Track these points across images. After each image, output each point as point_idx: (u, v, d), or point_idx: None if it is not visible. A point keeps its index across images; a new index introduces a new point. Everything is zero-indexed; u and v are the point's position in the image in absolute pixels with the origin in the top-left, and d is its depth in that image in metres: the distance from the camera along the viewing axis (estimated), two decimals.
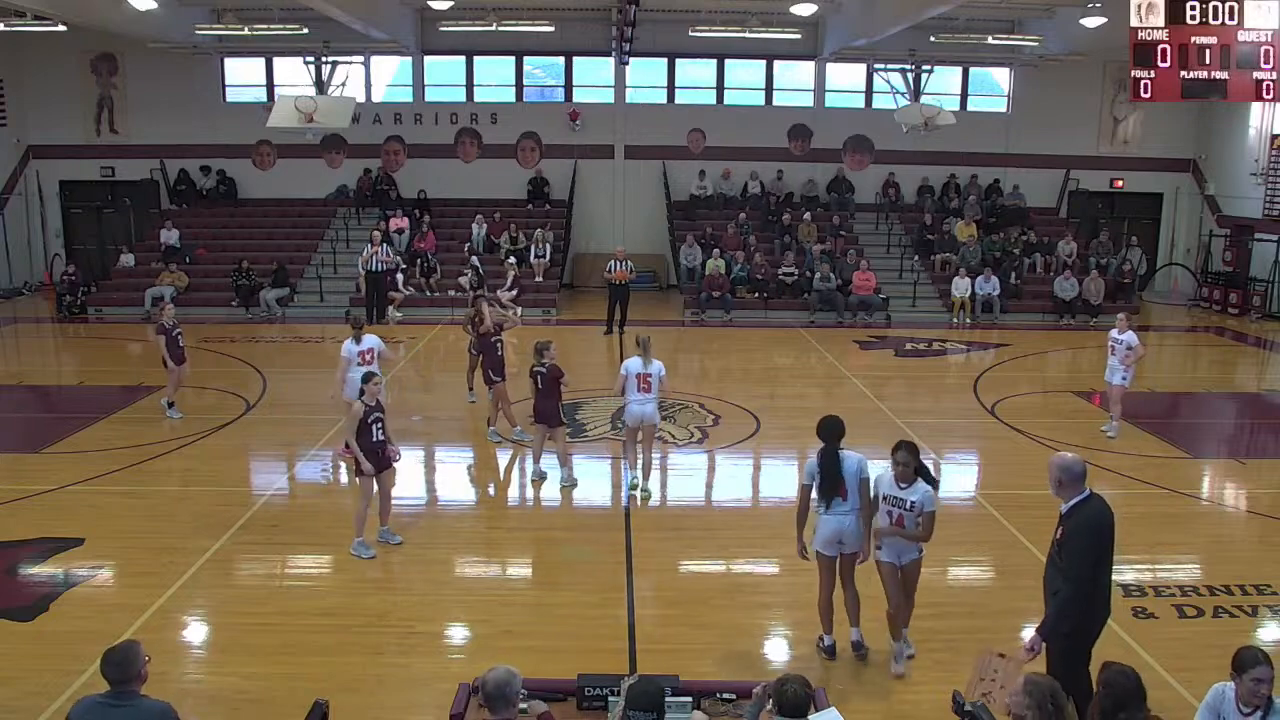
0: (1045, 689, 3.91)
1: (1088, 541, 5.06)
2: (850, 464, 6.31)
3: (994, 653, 4.81)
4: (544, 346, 9.74)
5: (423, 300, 20.20)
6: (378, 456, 8.02)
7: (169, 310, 12.30)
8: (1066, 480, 5.20)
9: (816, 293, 20.14)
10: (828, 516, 6.31)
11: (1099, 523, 5.11)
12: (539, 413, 9.80)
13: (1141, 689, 3.97)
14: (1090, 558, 5.07)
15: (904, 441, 6.35)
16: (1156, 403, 13.85)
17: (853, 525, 6.31)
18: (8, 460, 10.78)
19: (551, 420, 9.75)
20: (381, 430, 8.04)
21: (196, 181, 23.66)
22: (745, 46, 21.89)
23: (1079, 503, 5.20)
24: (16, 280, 22.94)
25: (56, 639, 6.61)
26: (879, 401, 13.54)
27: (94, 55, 22.78)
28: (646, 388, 9.28)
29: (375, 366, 9.94)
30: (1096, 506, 5.18)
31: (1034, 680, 3.98)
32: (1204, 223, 23.74)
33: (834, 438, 6.41)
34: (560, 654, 6.46)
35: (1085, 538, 5.07)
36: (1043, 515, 9.17)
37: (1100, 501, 5.22)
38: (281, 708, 5.75)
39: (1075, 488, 5.21)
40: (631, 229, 23.62)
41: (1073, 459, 5.25)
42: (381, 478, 8.13)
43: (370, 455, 7.93)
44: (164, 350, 11.92)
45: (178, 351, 12.03)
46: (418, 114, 23.77)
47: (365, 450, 7.92)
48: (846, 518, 6.30)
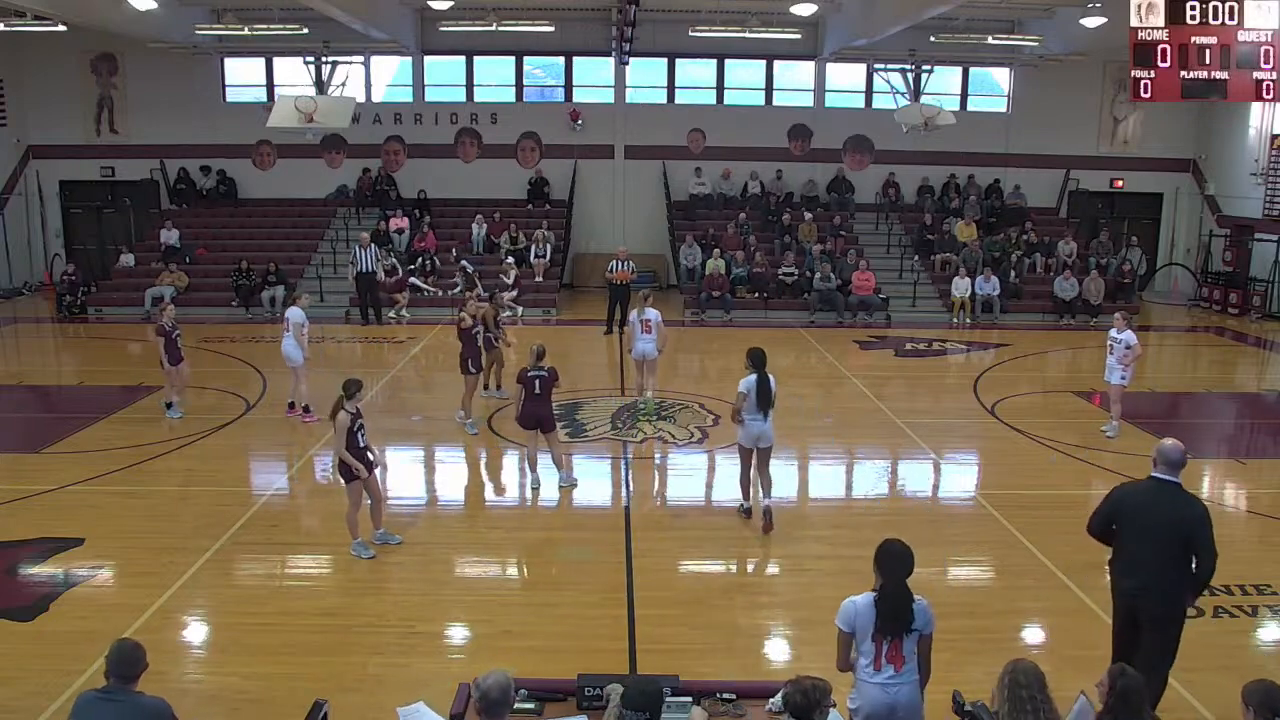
0: (1025, 674, 3.96)
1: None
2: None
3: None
4: (541, 350, 9.75)
5: (423, 300, 20.20)
6: (366, 462, 8.05)
7: (169, 311, 12.34)
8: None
9: (816, 293, 20.14)
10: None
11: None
12: (532, 418, 9.64)
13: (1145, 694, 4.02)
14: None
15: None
16: (1156, 403, 13.86)
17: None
18: (8, 460, 10.78)
19: (546, 425, 9.73)
20: (364, 436, 8.07)
21: (196, 181, 23.66)
22: (745, 46, 21.88)
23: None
24: (16, 280, 22.94)
25: (56, 639, 6.61)
26: (879, 401, 13.55)
27: (94, 55, 22.78)
28: (647, 330, 12.17)
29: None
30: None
31: (1017, 665, 4.02)
32: (1204, 223, 23.74)
33: (760, 365, 8.48)
34: (560, 654, 6.46)
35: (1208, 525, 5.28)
36: (1043, 515, 9.25)
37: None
38: (281, 708, 5.75)
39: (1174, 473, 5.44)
40: (631, 229, 23.62)
41: (1171, 445, 5.50)
42: (369, 482, 8.14)
43: (360, 459, 7.96)
44: (161, 351, 11.95)
45: (175, 352, 12.04)
46: (418, 114, 23.78)
47: (354, 456, 7.94)
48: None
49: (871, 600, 4.48)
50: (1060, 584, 7.71)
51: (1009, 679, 3.99)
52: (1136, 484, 5.71)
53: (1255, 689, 3.96)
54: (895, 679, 4.43)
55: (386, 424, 12.33)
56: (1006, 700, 3.96)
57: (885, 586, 4.50)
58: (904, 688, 4.44)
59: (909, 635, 4.44)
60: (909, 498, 10.40)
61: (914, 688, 4.48)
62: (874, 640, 4.44)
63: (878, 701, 4.44)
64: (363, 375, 9.56)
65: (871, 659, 4.45)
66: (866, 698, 4.48)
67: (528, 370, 9.62)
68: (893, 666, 4.43)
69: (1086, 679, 6.03)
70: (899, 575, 4.51)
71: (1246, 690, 3.99)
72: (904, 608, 4.43)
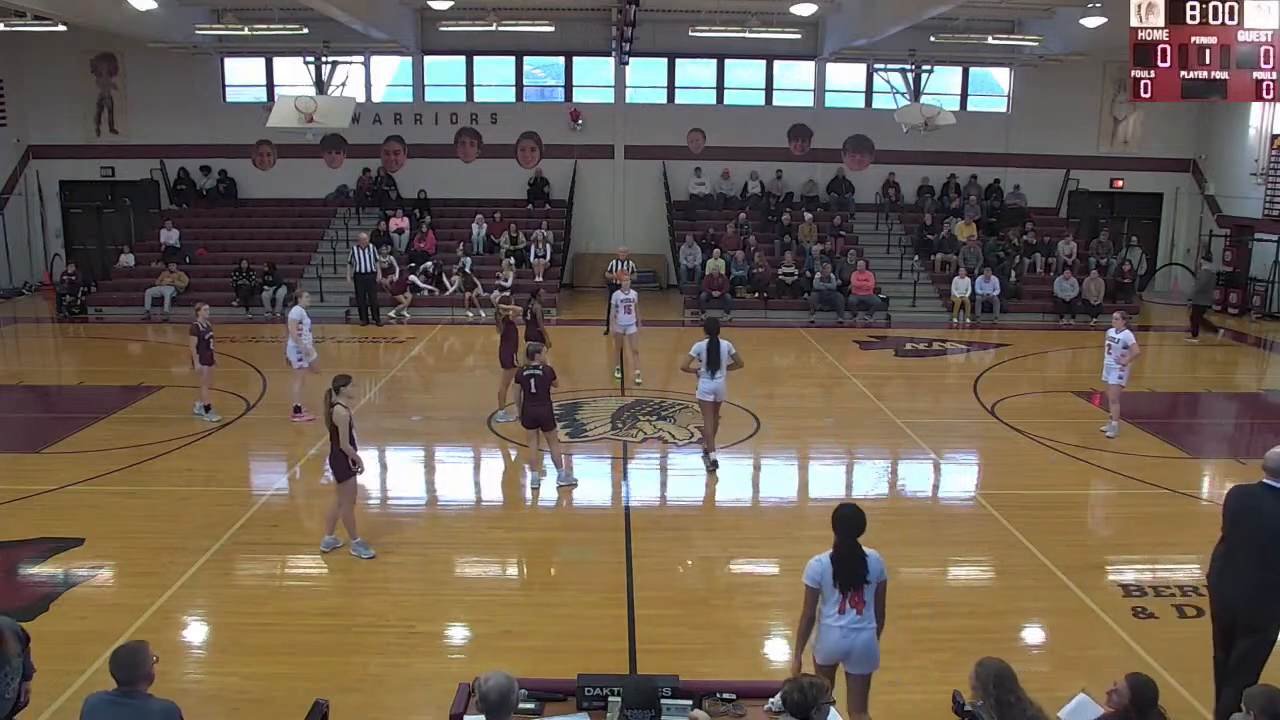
0: (989, 672, 4.00)
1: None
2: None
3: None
4: (535, 349, 9.75)
5: (423, 300, 20.21)
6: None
7: (204, 311, 12.16)
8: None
9: (816, 293, 20.13)
10: None
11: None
12: (534, 417, 9.65)
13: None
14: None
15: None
16: (1156, 403, 13.86)
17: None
18: (8, 460, 10.78)
19: (546, 424, 9.73)
20: (355, 433, 8.10)
21: (196, 181, 23.66)
22: (745, 46, 21.88)
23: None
24: (16, 280, 22.94)
25: (56, 639, 6.59)
26: (879, 401, 13.55)
27: (94, 55, 22.78)
28: (628, 310, 13.81)
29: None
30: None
31: (982, 662, 4.07)
32: (1204, 223, 23.75)
33: (713, 331, 10.00)
34: (560, 654, 6.47)
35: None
36: (1043, 515, 9.24)
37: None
38: (281, 708, 5.76)
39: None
40: (631, 229, 23.62)
41: (1274, 452, 5.37)
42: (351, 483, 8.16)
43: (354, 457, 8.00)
44: (194, 351, 11.88)
45: (208, 353, 11.98)
46: (418, 114, 23.77)
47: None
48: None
49: (829, 558, 5.07)
50: (1060, 584, 7.71)
51: (994, 688, 4.07)
52: (1249, 486, 5.56)
53: (1258, 693, 3.96)
54: (856, 623, 5.02)
55: (387, 424, 12.34)
56: (995, 706, 4.00)
57: (840, 546, 5.07)
58: (862, 633, 5.03)
59: (866, 585, 5.03)
60: (909, 498, 10.40)
61: (871, 634, 5.06)
62: (837, 590, 5.02)
63: (837, 644, 5.05)
64: (363, 376, 9.57)
65: (836, 606, 5.03)
66: (827, 641, 5.08)
67: (523, 370, 9.64)
68: (855, 610, 5.02)
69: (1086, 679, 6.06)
70: (851, 535, 5.08)
71: (1249, 694, 4.00)
72: (858, 563, 5.04)
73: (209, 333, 12.07)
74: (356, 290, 19.30)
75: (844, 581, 5.00)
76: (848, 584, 5.00)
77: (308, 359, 12.17)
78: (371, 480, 10.45)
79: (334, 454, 7.99)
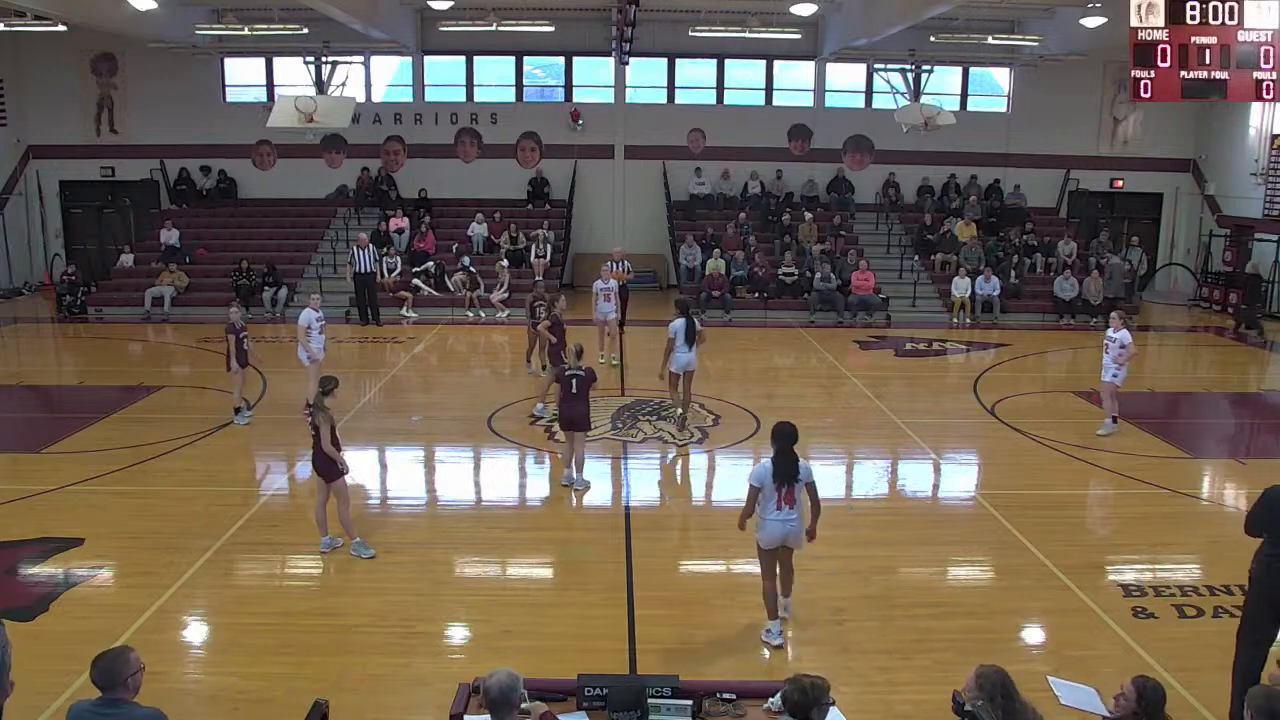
0: (995, 681, 3.98)
1: None
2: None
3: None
4: (581, 350, 9.91)
5: (423, 300, 20.21)
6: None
7: (237, 311, 12.07)
8: None
9: (816, 293, 20.14)
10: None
11: None
12: (570, 418, 9.66)
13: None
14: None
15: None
16: (1156, 403, 13.86)
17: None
18: (8, 460, 10.78)
19: (580, 424, 9.75)
20: (337, 436, 8.13)
21: (196, 181, 23.66)
22: (745, 46, 21.90)
23: None
24: (16, 280, 22.95)
25: (56, 639, 6.60)
26: (879, 401, 13.54)
27: (94, 55, 22.79)
28: (607, 297, 15.27)
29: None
30: None
31: (984, 672, 4.04)
32: (1204, 223, 23.74)
33: (686, 311, 11.44)
34: (560, 654, 6.46)
35: None
36: (1043, 515, 9.24)
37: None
38: (281, 708, 5.75)
39: None
40: (631, 229, 23.63)
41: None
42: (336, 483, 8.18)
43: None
44: (232, 350, 11.73)
45: (243, 354, 11.81)
46: (418, 114, 23.78)
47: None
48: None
49: (770, 461, 6.50)
50: (1060, 584, 7.71)
51: (1000, 698, 4.04)
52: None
53: (1258, 694, 3.96)
54: (789, 515, 6.48)
55: (387, 424, 12.35)
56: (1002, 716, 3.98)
57: (777, 452, 6.52)
58: (793, 523, 6.51)
59: (797, 484, 6.46)
60: (909, 498, 10.40)
61: (799, 523, 6.55)
62: (775, 488, 6.43)
63: (775, 532, 6.52)
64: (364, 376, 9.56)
65: (774, 502, 6.45)
66: (767, 530, 6.53)
67: (566, 368, 9.70)
68: (788, 505, 6.46)
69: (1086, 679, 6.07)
70: (787, 444, 6.53)
71: (1249, 695, 4.00)
72: (792, 465, 6.48)
73: (244, 332, 11.88)
74: (356, 290, 19.30)
75: (780, 478, 6.41)
76: (783, 480, 6.41)
77: (318, 357, 12.15)
78: (372, 480, 10.47)
79: (316, 455, 8.01)
